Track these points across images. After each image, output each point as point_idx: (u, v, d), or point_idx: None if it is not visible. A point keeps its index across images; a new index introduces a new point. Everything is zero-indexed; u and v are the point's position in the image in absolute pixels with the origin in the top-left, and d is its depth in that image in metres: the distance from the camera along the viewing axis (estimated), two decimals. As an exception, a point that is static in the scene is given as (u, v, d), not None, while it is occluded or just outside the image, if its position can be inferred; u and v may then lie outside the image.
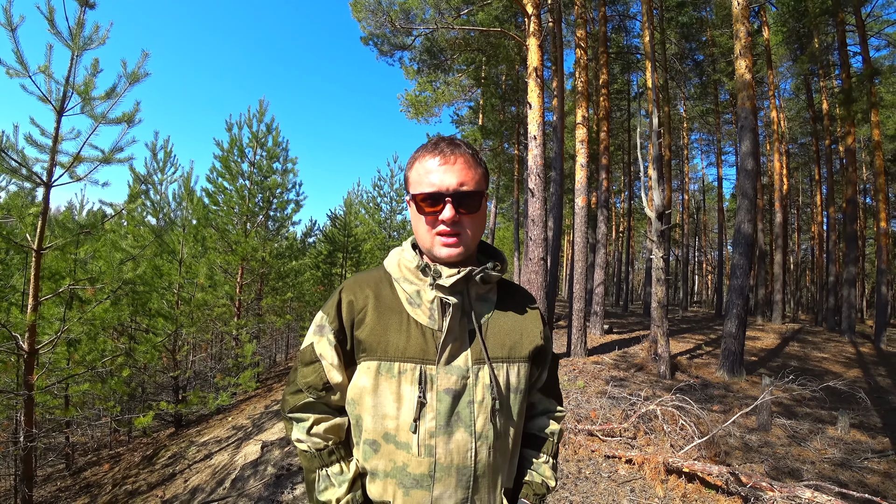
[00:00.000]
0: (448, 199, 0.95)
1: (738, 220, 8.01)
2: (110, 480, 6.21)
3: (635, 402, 5.41)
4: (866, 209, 20.43)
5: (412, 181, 1.01)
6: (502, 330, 1.04)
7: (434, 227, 0.98)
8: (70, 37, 3.87)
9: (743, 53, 7.97)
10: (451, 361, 0.97)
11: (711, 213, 32.26)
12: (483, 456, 0.96)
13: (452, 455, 0.94)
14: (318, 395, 1.02)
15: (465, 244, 0.99)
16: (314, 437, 1.01)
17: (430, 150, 0.99)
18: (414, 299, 1.01)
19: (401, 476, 0.94)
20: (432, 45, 12.05)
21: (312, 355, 1.02)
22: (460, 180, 0.96)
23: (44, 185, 4.08)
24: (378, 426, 0.96)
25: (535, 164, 7.36)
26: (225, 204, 9.19)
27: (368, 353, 0.97)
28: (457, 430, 0.94)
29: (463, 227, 0.98)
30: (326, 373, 1.01)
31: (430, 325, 0.99)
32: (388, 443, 0.95)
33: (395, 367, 0.95)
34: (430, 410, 0.94)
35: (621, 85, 20.24)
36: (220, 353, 11.92)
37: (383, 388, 0.95)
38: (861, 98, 13.23)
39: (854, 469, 4.57)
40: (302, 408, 1.03)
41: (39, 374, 4.48)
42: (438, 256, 0.99)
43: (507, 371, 1.01)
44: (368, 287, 1.04)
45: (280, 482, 4.15)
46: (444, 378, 0.95)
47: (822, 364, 9.52)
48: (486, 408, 0.96)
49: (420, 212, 0.98)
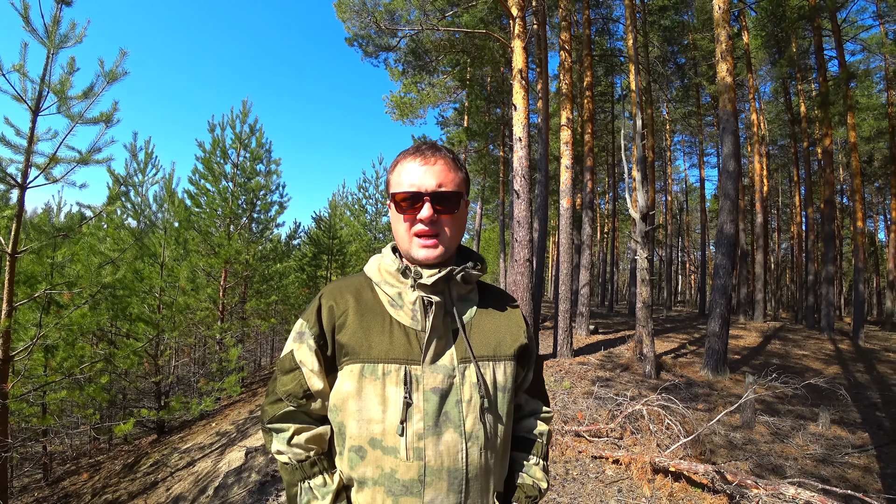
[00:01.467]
0: (426, 199, 0.95)
1: (721, 221, 8.12)
2: (90, 490, 6.06)
3: (621, 402, 5.44)
4: (843, 209, 20.94)
5: (393, 182, 1.02)
6: (486, 329, 1.04)
7: (412, 226, 0.98)
8: (46, 34, 3.77)
9: (724, 57, 8.09)
10: (436, 360, 0.95)
11: (694, 214, 32.77)
12: (475, 457, 0.93)
13: (443, 457, 0.91)
14: (299, 403, 0.99)
15: (445, 245, 0.99)
16: (295, 447, 0.98)
17: (411, 153, 1.00)
18: (396, 301, 1.00)
19: (389, 483, 0.90)
20: (417, 47, 12.04)
21: (292, 363, 1.00)
22: (439, 181, 0.97)
23: (18, 186, 3.97)
24: (363, 431, 0.92)
25: (521, 165, 7.38)
26: (208, 206, 9.06)
27: (351, 356, 0.95)
28: (446, 431, 0.92)
29: (441, 227, 0.98)
30: (307, 380, 0.98)
31: (412, 326, 0.98)
32: (375, 448, 0.92)
33: (379, 368, 0.93)
34: (416, 411, 0.91)
35: (605, 87, 20.44)
36: (203, 358, 11.73)
37: (368, 390, 0.93)
38: (838, 101, 13.57)
39: (835, 464, 4.65)
40: (282, 417, 1.00)
41: (14, 382, 4.35)
42: (417, 258, 0.99)
43: (494, 369, 1.00)
44: (348, 292, 1.02)
45: (264, 489, 4.08)
46: (429, 377, 0.93)
47: (802, 361, 9.71)
48: (475, 407, 0.95)
49: (399, 211, 0.99)
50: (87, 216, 5.81)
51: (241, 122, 9.25)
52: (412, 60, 12.43)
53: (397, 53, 12.17)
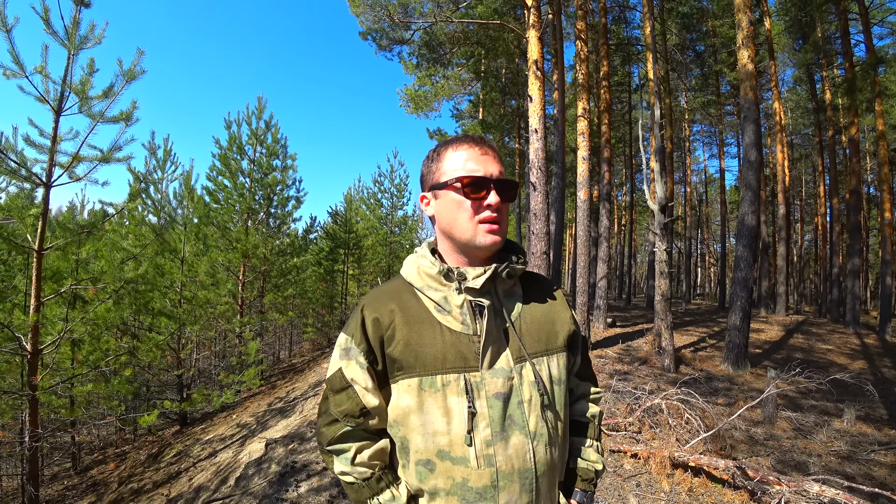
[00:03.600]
0: (493, 185, 0.94)
1: (742, 212, 7.95)
2: (116, 479, 6.24)
3: (640, 395, 5.39)
4: (870, 199, 20.33)
5: (447, 170, 0.98)
6: (535, 323, 1.02)
7: (478, 213, 0.95)
8: (66, 36, 3.84)
9: (745, 43, 7.88)
10: (493, 364, 0.94)
11: (714, 206, 32.15)
12: (541, 455, 0.93)
13: (513, 460, 0.90)
14: (357, 422, 0.97)
15: (503, 233, 0.98)
16: (359, 466, 0.97)
17: (462, 141, 0.99)
18: (442, 306, 0.97)
19: (462, 492, 0.89)
20: (431, 39, 11.99)
21: (343, 381, 0.97)
22: (499, 169, 0.97)
23: (43, 185, 4.06)
24: (430, 445, 0.91)
25: (537, 157, 7.31)
26: (225, 201, 9.19)
27: (406, 371, 0.93)
28: (512, 434, 0.91)
29: (502, 214, 0.97)
30: (362, 398, 0.96)
31: (464, 331, 0.95)
32: (444, 460, 0.90)
33: (437, 380, 0.91)
34: (482, 419, 0.90)
35: (622, 77, 20.12)
36: (223, 351, 11.94)
37: (429, 404, 0.91)
38: (865, 87, 13.11)
39: (860, 462, 4.55)
40: (341, 438, 0.98)
41: (43, 375, 4.48)
42: (482, 244, 0.95)
43: (548, 364, 0.99)
44: (391, 301, 0.98)
45: (284, 480, 4.15)
46: (490, 383, 0.92)
47: (826, 356, 9.49)
48: (536, 405, 0.94)
49: (465, 196, 0.95)
50: (109, 213, 5.95)
51: (257, 118, 9.33)
52: (426, 53, 12.40)
53: (411, 46, 12.16)
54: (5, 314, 5.21)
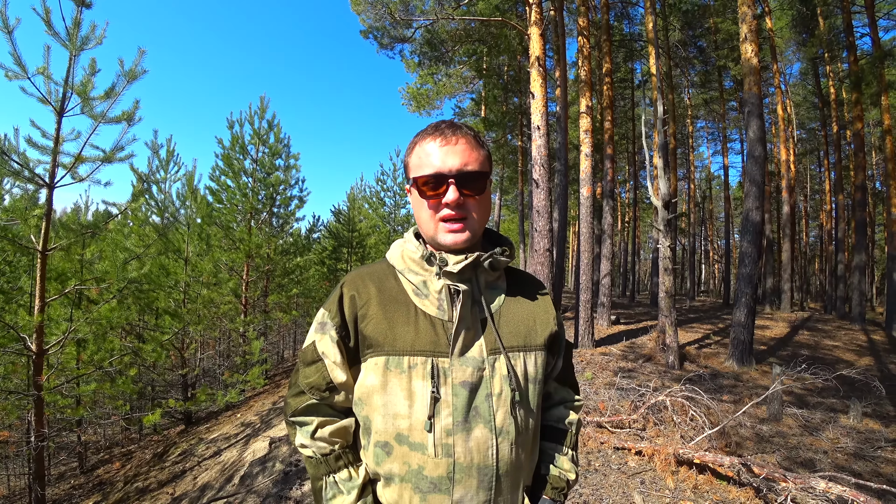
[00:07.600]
0: (451, 181, 0.90)
1: (747, 208, 7.90)
2: (122, 478, 6.27)
3: (644, 392, 5.36)
4: (876, 195, 20.17)
5: (412, 166, 0.96)
6: (515, 318, 0.99)
7: (437, 211, 0.93)
8: (67, 37, 3.85)
9: (749, 37, 7.83)
10: (464, 352, 0.91)
11: (717, 202, 31.99)
12: (505, 453, 0.90)
13: (472, 454, 0.88)
14: (322, 396, 0.97)
15: (472, 229, 0.94)
16: (319, 441, 0.96)
17: (430, 133, 0.95)
18: (420, 290, 0.96)
19: (417, 480, 0.88)
20: (433, 37, 11.95)
21: (314, 354, 0.97)
22: (463, 161, 0.92)
23: (46, 186, 4.08)
24: (389, 426, 0.90)
25: (540, 154, 7.29)
26: (228, 201, 9.19)
27: (375, 349, 0.92)
28: (475, 427, 0.88)
29: (468, 210, 0.93)
30: (330, 372, 0.95)
31: (439, 316, 0.93)
32: (402, 444, 0.89)
33: (404, 361, 0.89)
34: (445, 406, 0.88)
35: (625, 73, 19.99)
36: (227, 351, 11.96)
37: (393, 384, 0.89)
38: (871, 82, 12.99)
39: (868, 458, 4.51)
40: (305, 410, 0.98)
41: (48, 375, 4.50)
42: (443, 244, 0.94)
43: (524, 360, 0.96)
44: (371, 280, 0.98)
45: (288, 478, 4.16)
46: (458, 370, 0.89)
47: (833, 352, 9.44)
48: (506, 401, 0.91)
49: (422, 196, 0.94)
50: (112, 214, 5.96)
51: (260, 117, 9.33)
52: (428, 51, 12.36)
53: (412, 45, 12.12)
54: (11, 315, 5.23)
